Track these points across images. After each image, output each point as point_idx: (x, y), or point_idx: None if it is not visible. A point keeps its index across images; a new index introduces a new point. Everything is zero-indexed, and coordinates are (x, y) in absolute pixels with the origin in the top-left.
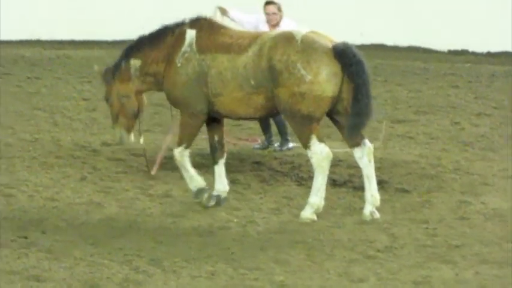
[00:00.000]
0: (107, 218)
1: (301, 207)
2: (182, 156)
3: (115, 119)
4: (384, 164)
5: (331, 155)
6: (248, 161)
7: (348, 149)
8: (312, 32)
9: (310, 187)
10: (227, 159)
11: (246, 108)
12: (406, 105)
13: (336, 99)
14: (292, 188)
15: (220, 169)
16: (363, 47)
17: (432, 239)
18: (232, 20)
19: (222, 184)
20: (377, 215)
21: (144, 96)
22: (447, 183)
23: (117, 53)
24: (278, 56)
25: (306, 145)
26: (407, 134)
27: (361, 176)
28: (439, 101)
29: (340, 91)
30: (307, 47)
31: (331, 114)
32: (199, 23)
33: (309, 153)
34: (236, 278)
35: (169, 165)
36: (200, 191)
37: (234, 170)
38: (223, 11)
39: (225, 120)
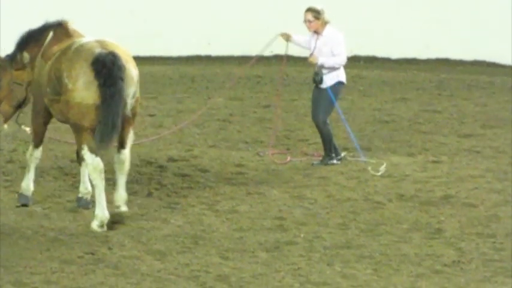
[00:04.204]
0: (173, 233)
1: (368, 222)
2: (30, 155)
3: None
4: (450, 178)
5: (99, 167)
6: (314, 175)
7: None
8: (98, 41)
9: (376, 202)
10: (294, 174)
11: (56, 114)
12: (472, 119)
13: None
14: (358, 203)
15: (84, 171)
16: (428, 61)
17: (499, 254)
18: (296, 43)
19: (84, 186)
20: (125, 209)
21: None
22: None
23: (182, 69)
24: (57, 65)
25: (78, 154)
26: (473, 148)
27: (428, 191)
28: (505, 114)
29: None
30: (74, 55)
31: None
32: (57, 27)
33: (83, 163)
34: None
35: (235, 181)
36: (23, 197)
37: (300, 185)
38: (287, 37)
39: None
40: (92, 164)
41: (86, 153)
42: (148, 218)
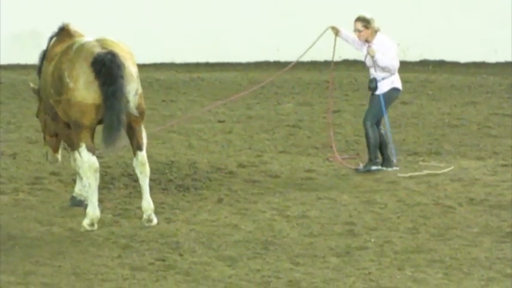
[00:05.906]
0: (244, 239)
1: (439, 226)
2: (74, 161)
3: (44, 136)
4: None
5: (95, 165)
6: (384, 180)
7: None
8: (98, 40)
9: (447, 206)
10: (364, 179)
11: (61, 115)
12: None
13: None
14: (428, 207)
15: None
16: (497, 64)
17: None
18: (344, 39)
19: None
20: (155, 221)
21: None
22: None
23: (251, 75)
24: (58, 65)
25: (75, 151)
26: None
27: (498, 194)
28: None
29: None
30: (75, 55)
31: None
32: (61, 30)
33: (78, 161)
34: None
35: (305, 186)
36: (79, 203)
37: (370, 190)
38: (336, 31)
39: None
40: (88, 162)
41: (83, 150)
42: (219, 224)
